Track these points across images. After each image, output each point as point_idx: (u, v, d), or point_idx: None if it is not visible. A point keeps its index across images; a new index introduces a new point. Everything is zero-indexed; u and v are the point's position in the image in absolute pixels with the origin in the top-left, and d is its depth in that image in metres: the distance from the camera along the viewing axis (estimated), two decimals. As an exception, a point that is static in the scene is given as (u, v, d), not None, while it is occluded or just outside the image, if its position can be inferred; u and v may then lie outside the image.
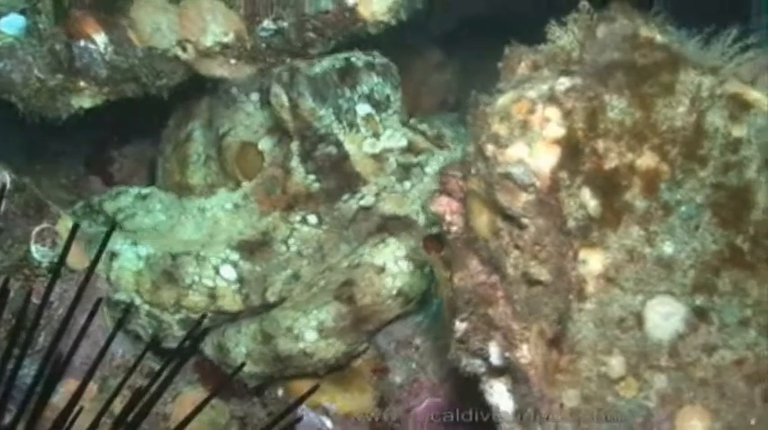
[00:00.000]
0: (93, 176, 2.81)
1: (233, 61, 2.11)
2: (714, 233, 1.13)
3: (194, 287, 1.99)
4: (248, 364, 1.99)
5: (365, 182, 2.02)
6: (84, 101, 2.14)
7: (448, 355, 1.34)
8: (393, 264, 1.92)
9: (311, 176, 2.04)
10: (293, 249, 2.02)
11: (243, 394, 2.15)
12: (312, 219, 2.03)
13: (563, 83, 1.16)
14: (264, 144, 2.13)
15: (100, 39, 2.07)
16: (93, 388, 1.94)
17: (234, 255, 2.02)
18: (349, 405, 2.06)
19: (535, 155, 1.16)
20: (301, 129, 2.04)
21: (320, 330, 1.92)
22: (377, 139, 2.05)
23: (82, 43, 2.07)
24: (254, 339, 1.98)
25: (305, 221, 2.03)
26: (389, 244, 1.94)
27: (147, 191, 2.24)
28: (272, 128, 2.13)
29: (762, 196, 1.13)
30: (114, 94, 2.14)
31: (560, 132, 1.15)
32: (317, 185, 2.04)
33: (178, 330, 2.01)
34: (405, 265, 1.92)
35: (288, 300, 1.99)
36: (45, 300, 1.74)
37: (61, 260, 1.80)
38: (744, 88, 1.15)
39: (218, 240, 2.07)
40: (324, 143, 2.04)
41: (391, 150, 2.05)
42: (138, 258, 2.03)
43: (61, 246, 1.89)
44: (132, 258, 2.03)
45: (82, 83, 2.11)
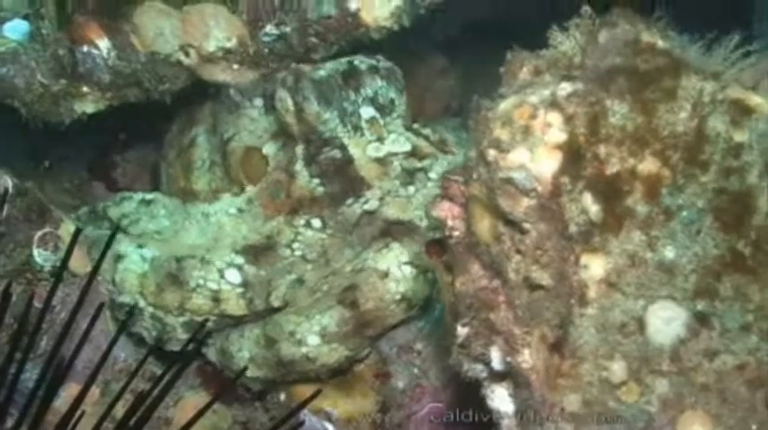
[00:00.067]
0: (97, 181, 2.82)
1: (236, 66, 2.11)
2: (716, 238, 1.13)
3: (198, 290, 1.98)
4: (251, 369, 1.98)
5: (369, 186, 2.01)
6: (87, 106, 2.14)
7: (449, 360, 1.34)
8: (396, 269, 1.91)
9: (315, 180, 2.04)
10: (297, 253, 2.01)
11: (245, 399, 2.15)
12: (316, 223, 2.02)
13: (565, 88, 1.17)
14: (269, 148, 2.13)
15: (103, 44, 2.07)
16: (95, 392, 1.95)
17: (239, 258, 2.01)
18: (351, 410, 2.06)
19: (537, 160, 1.16)
20: (306, 133, 2.04)
21: (323, 335, 1.91)
22: (381, 143, 2.05)
23: (85, 48, 2.07)
24: (258, 343, 1.98)
25: (309, 225, 2.02)
26: (393, 249, 1.92)
27: (150, 196, 2.23)
28: (277, 132, 2.13)
29: (763, 201, 1.13)
30: (117, 99, 2.15)
31: (562, 137, 1.15)
32: (321, 189, 2.03)
33: (182, 333, 2.00)
34: (408, 271, 1.91)
35: (291, 305, 1.98)
36: (47, 304, 1.74)
37: (63, 264, 1.80)
38: (745, 93, 1.15)
39: (222, 245, 2.06)
40: (328, 147, 2.04)
41: (395, 154, 2.04)
42: (143, 260, 2.03)
43: (63, 251, 1.90)
44: (137, 260, 2.03)
45: (85, 88, 2.12)
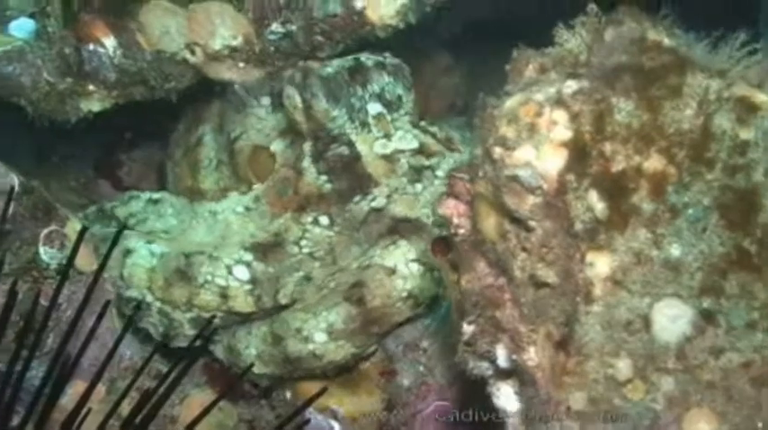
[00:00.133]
0: (102, 180, 2.82)
1: (241, 64, 2.12)
2: (721, 235, 1.13)
3: (206, 286, 1.98)
4: (258, 365, 1.99)
5: (377, 183, 2.01)
6: (94, 104, 2.15)
7: (455, 358, 1.34)
8: (404, 267, 1.91)
9: (323, 177, 2.04)
10: (305, 251, 2.01)
11: (251, 396, 2.15)
12: (324, 220, 2.02)
13: (570, 86, 1.17)
14: (276, 146, 2.13)
15: (109, 42, 2.07)
16: (101, 389, 1.95)
17: (247, 255, 2.01)
18: (357, 408, 2.06)
19: (542, 157, 1.16)
20: (315, 130, 2.04)
21: (330, 332, 1.91)
22: (388, 140, 2.05)
23: (91, 47, 2.07)
24: (265, 340, 1.97)
25: (317, 222, 2.02)
26: (400, 246, 1.92)
27: (158, 196, 2.23)
28: (285, 130, 2.12)
29: (769, 199, 1.13)
30: (123, 97, 2.15)
31: (567, 135, 1.15)
32: (328, 186, 2.03)
33: (189, 329, 2.00)
34: (415, 268, 1.91)
35: (299, 302, 1.97)
36: (53, 301, 1.74)
37: (69, 262, 1.81)
38: (751, 91, 1.15)
39: (230, 243, 2.06)
40: (336, 144, 2.04)
41: (403, 152, 2.04)
42: (152, 255, 2.02)
43: (69, 249, 1.90)
44: (146, 255, 2.02)
45: (91, 86, 2.12)
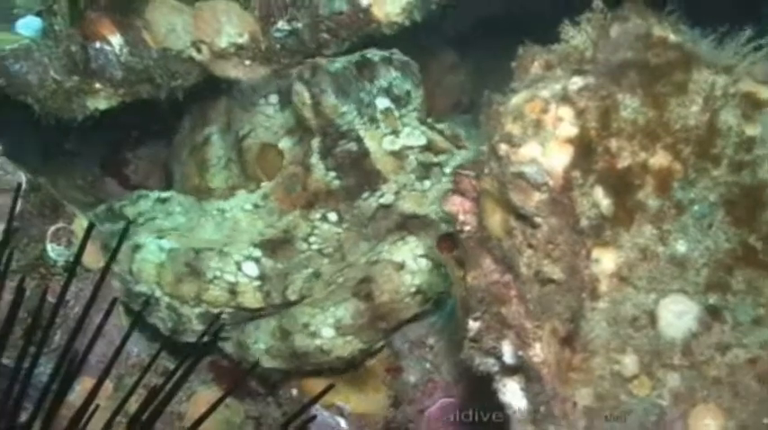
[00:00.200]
0: (109, 178, 2.82)
1: (247, 62, 2.12)
2: (727, 232, 1.13)
3: (216, 282, 1.98)
4: (267, 359, 1.99)
5: (385, 179, 2.01)
6: (100, 102, 2.15)
7: (461, 354, 1.34)
8: (412, 262, 1.91)
9: (331, 173, 2.04)
10: (314, 247, 2.01)
11: (258, 393, 2.15)
12: (332, 216, 2.02)
13: (576, 82, 1.17)
14: (285, 143, 2.13)
15: (115, 40, 2.08)
16: (108, 386, 1.95)
17: (256, 251, 2.01)
18: (363, 404, 2.06)
19: (548, 154, 1.16)
20: (323, 126, 2.04)
21: (337, 327, 1.92)
22: (396, 136, 2.05)
23: (97, 45, 2.08)
24: (273, 335, 1.98)
25: (325, 219, 2.02)
26: (409, 241, 1.93)
27: (166, 195, 2.23)
28: (293, 128, 2.12)
29: (775, 195, 1.13)
30: (129, 95, 2.15)
31: (573, 131, 1.15)
32: (337, 182, 2.03)
33: (197, 324, 2.00)
34: (424, 263, 1.91)
35: (307, 298, 1.97)
36: (61, 298, 1.75)
37: (77, 259, 1.81)
38: (757, 87, 1.15)
39: (238, 239, 2.05)
40: (345, 140, 2.04)
41: (411, 148, 2.04)
42: (161, 251, 2.02)
43: (76, 246, 1.91)
44: (155, 250, 2.02)
45: (97, 84, 2.12)
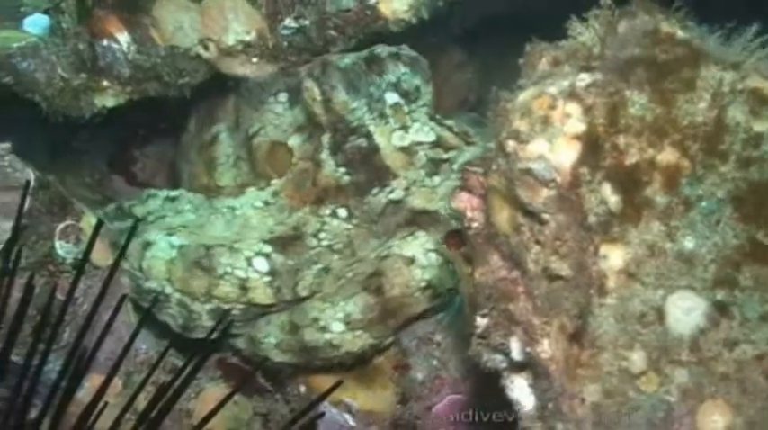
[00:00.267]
0: (116, 176, 2.83)
1: (255, 60, 2.12)
2: (735, 228, 1.13)
3: (226, 277, 1.97)
4: (277, 354, 2.00)
5: (395, 175, 2.01)
6: (108, 100, 2.16)
7: (469, 351, 1.34)
8: (422, 257, 1.91)
9: (341, 169, 2.04)
10: (324, 243, 2.00)
11: (266, 390, 2.16)
12: (342, 212, 2.02)
13: (584, 79, 1.17)
14: (294, 141, 2.12)
15: (123, 38, 2.08)
16: (117, 383, 1.96)
17: (267, 247, 2.00)
18: (371, 401, 2.06)
19: (556, 150, 1.16)
20: (334, 122, 2.04)
21: (347, 322, 1.92)
22: (405, 132, 2.05)
23: (105, 42, 2.08)
24: (283, 329, 1.98)
25: (335, 215, 2.02)
26: (418, 237, 1.93)
27: (175, 193, 2.23)
28: (302, 126, 2.12)
29: (783, 191, 1.13)
30: (137, 93, 2.16)
31: (581, 128, 1.15)
32: (347, 178, 2.03)
33: (208, 320, 1.99)
34: (434, 258, 1.91)
35: (317, 294, 1.97)
36: (70, 296, 1.75)
37: (85, 256, 1.82)
38: (765, 83, 1.14)
39: (249, 236, 2.05)
40: (354, 135, 2.03)
41: (420, 144, 2.04)
42: (171, 247, 2.01)
43: (85, 243, 1.91)
44: (165, 247, 2.01)
45: (105, 82, 2.13)
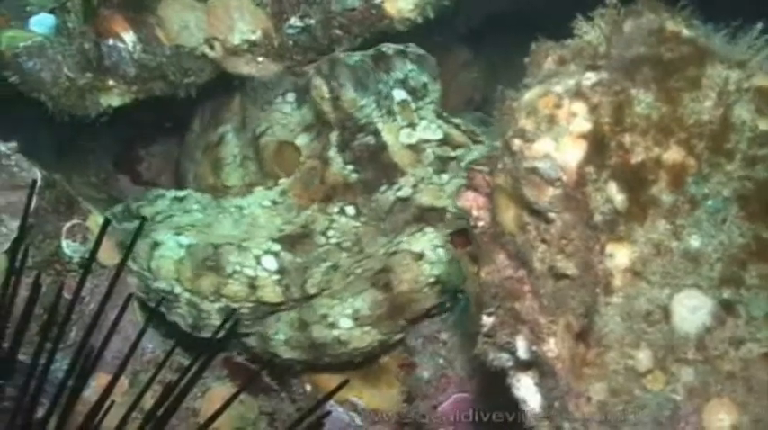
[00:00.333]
0: (122, 175, 2.83)
1: (260, 59, 2.12)
2: (741, 226, 1.13)
3: (235, 276, 1.97)
4: (286, 351, 2.00)
5: (403, 173, 2.01)
6: (113, 99, 2.16)
7: (475, 350, 1.34)
8: (431, 252, 1.91)
9: (349, 167, 2.03)
10: (332, 241, 2.00)
11: (272, 389, 2.16)
12: (350, 210, 2.02)
13: (589, 77, 1.17)
14: (302, 140, 2.12)
15: (128, 37, 2.08)
16: (124, 382, 1.96)
17: (275, 246, 2.00)
18: (376, 400, 2.07)
19: (562, 149, 1.16)
20: (342, 119, 2.04)
21: (355, 318, 1.93)
22: (413, 129, 2.05)
23: (111, 42, 2.09)
24: (292, 326, 1.98)
25: (343, 212, 2.02)
26: (427, 232, 1.93)
27: (183, 193, 2.23)
28: (310, 124, 2.12)
29: (789, 190, 1.13)
30: (143, 92, 2.16)
31: (587, 127, 1.15)
32: (354, 176, 2.03)
33: (217, 319, 1.98)
34: (442, 254, 1.91)
35: (326, 292, 1.98)
36: (76, 295, 1.76)
37: (92, 255, 1.82)
38: (771, 82, 1.15)
39: (257, 235, 2.05)
40: (363, 133, 2.03)
41: (428, 142, 2.04)
42: (180, 247, 2.01)
43: (91, 242, 1.92)
44: (173, 247, 2.01)
45: (111, 81, 2.13)
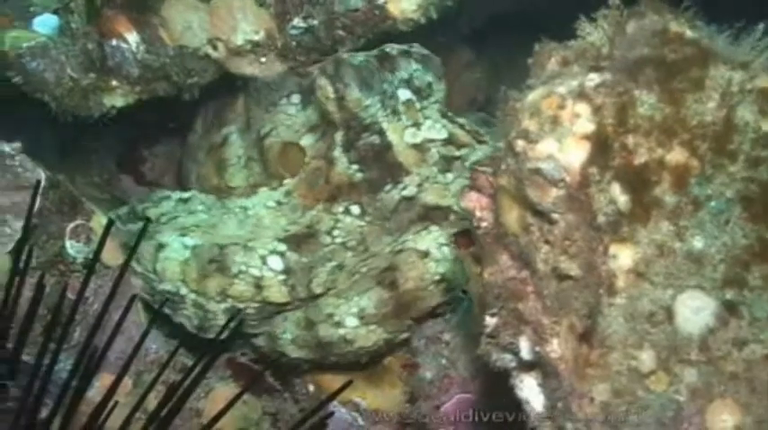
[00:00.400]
0: (125, 175, 2.83)
1: (263, 59, 2.13)
2: (744, 228, 1.13)
3: (241, 276, 1.97)
4: (293, 349, 2.01)
5: (407, 172, 2.02)
6: (117, 100, 2.16)
7: (478, 350, 1.34)
8: (436, 250, 1.92)
9: (354, 166, 2.04)
10: (338, 241, 2.00)
11: (275, 390, 2.16)
12: (355, 209, 2.02)
13: (593, 78, 1.17)
14: (306, 141, 2.12)
15: (132, 38, 2.09)
16: (127, 383, 1.96)
17: (281, 246, 2.00)
18: (379, 400, 2.07)
19: (565, 150, 1.16)
20: (347, 119, 2.04)
21: (361, 317, 1.93)
22: (417, 129, 2.05)
23: (114, 42, 2.09)
24: (299, 325, 1.99)
25: (348, 212, 2.02)
26: (432, 231, 1.94)
27: (187, 194, 2.23)
28: (315, 125, 2.12)
29: (792, 191, 1.13)
30: (146, 92, 2.16)
31: (590, 128, 1.15)
32: (359, 175, 2.03)
33: (224, 320, 1.98)
34: (448, 252, 1.91)
35: (332, 291, 1.98)
36: (80, 295, 1.76)
37: (96, 256, 1.82)
38: (774, 83, 1.15)
39: (262, 235, 2.05)
40: (367, 133, 2.04)
41: (433, 141, 2.04)
42: (185, 248, 2.02)
43: (95, 243, 1.92)
44: (179, 248, 2.02)
45: (114, 82, 2.13)
